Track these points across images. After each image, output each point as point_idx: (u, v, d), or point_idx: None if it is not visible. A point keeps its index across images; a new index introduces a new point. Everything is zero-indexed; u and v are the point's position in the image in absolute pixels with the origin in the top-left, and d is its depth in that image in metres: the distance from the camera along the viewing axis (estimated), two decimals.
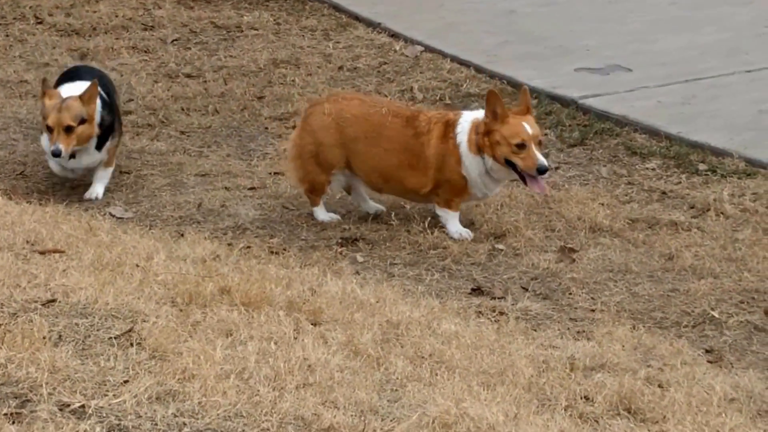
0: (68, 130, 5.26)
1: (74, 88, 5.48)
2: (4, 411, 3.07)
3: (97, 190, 5.60)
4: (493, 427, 3.37)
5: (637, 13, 8.44)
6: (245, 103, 7.30)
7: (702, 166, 6.11)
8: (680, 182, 6.25)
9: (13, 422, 3.04)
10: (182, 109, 7.27)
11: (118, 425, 3.06)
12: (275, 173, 6.15)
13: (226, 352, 3.61)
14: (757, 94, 6.95)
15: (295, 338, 3.85)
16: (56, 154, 5.22)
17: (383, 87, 7.49)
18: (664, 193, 6.09)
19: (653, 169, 6.24)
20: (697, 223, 5.83)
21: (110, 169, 5.74)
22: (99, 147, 5.55)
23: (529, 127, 5.22)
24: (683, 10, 8.45)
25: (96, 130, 5.50)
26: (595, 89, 7.11)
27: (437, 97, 7.27)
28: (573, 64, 7.52)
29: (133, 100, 7.24)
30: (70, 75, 5.90)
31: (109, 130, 5.63)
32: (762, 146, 6.36)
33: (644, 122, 6.58)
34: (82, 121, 5.33)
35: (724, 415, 3.87)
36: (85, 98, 5.38)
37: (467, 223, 5.82)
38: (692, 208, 6.02)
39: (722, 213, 5.83)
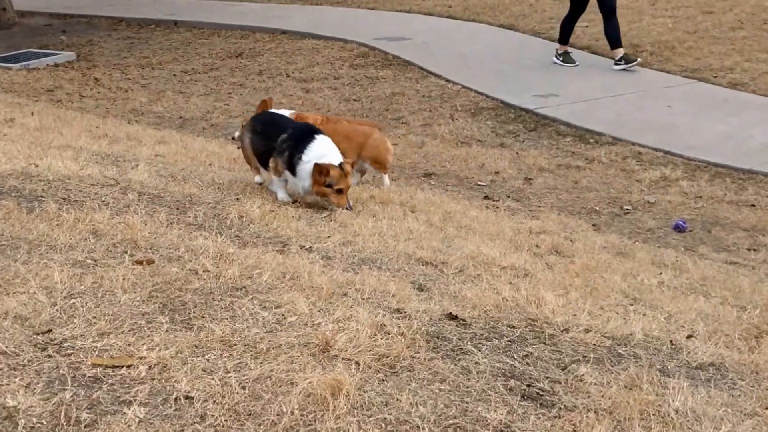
0: None
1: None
2: (274, 249, 4.40)
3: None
4: (494, 259, 5.00)
5: (563, 69, 12.59)
6: None
7: (591, 140, 9.75)
8: (581, 147, 9.91)
9: (279, 252, 4.37)
10: None
11: (325, 256, 4.49)
12: None
13: (372, 224, 5.38)
14: (618, 107, 11.11)
15: (403, 217, 5.83)
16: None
17: None
18: (574, 152, 9.67)
19: (568, 142, 9.83)
20: (589, 166, 9.43)
21: None
22: None
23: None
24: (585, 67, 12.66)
25: None
26: (541, 104, 11.17)
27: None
28: (530, 93, 11.50)
29: None
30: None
31: None
32: (620, 131, 10.22)
33: (564, 120, 10.63)
34: None
35: (600, 253, 5.91)
36: None
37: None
38: (586, 159, 9.63)
39: (600, 162, 9.46)
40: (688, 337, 4.13)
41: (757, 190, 8.70)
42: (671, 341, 4.03)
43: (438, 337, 3.61)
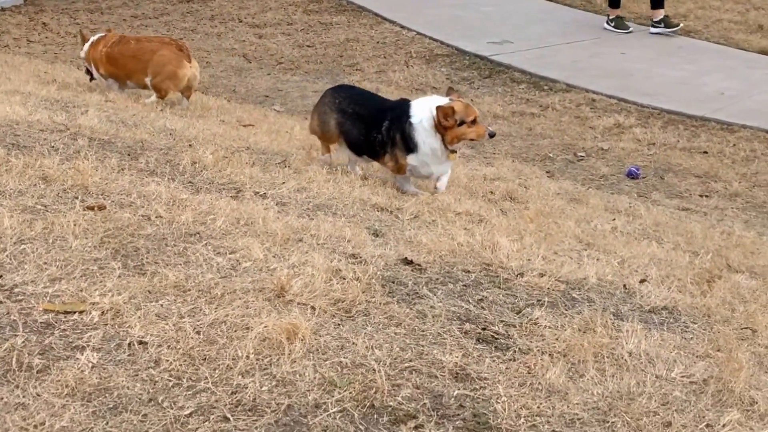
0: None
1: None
2: (228, 195, 4.38)
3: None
4: (449, 205, 5.11)
5: (519, 15, 12.34)
6: None
7: (546, 87, 9.76)
8: (536, 95, 9.93)
9: (233, 199, 4.36)
10: None
11: (280, 202, 4.49)
12: None
13: (327, 170, 5.43)
14: (573, 54, 11.10)
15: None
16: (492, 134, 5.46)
17: None
18: (528, 99, 9.69)
19: (523, 89, 9.83)
20: (543, 113, 9.48)
21: None
22: None
23: None
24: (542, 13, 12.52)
25: None
26: (496, 51, 10.99)
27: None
28: (486, 40, 11.32)
29: None
30: None
31: None
32: (575, 78, 10.21)
33: (519, 67, 10.56)
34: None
35: (554, 199, 6.09)
36: None
37: None
38: (541, 107, 9.66)
39: (555, 109, 9.50)
40: (641, 281, 4.18)
41: (709, 137, 8.81)
42: (624, 285, 4.08)
43: (393, 282, 3.61)
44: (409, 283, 3.64)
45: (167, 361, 2.72)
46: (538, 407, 2.76)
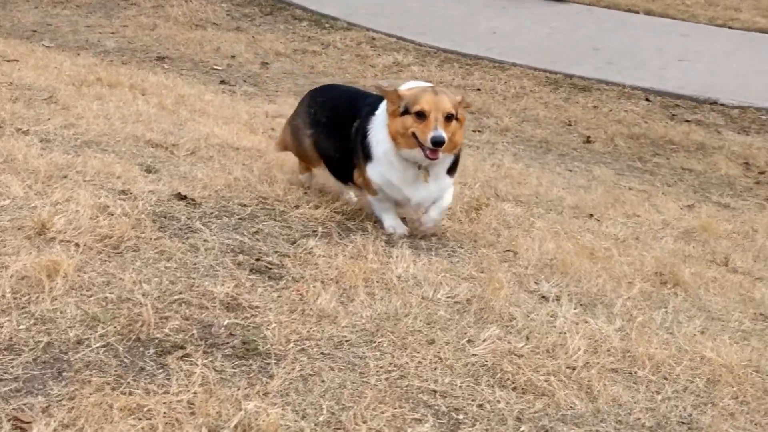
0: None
1: None
2: None
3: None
4: (228, 141, 5.03)
5: None
6: None
7: (327, 25, 9.79)
8: (317, 32, 9.92)
9: None
10: None
11: (44, 138, 4.31)
12: None
13: (98, 106, 5.26)
14: None
15: (133, 100, 5.78)
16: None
17: None
18: (310, 37, 9.67)
19: (305, 27, 9.80)
20: (325, 51, 9.50)
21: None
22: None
23: None
24: None
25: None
26: None
27: None
28: None
29: None
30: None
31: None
32: (355, 16, 10.29)
33: (300, 4, 10.49)
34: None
35: None
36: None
37: None
38: (323, 44, 9.68)
39: (336, 47, 9.56)
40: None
41: (482, 75, 9.14)
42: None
43: (165, 217, 3.54)
44: (182, 218, 3.58)
45: None
46: (308, 332, 2.81)
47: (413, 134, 3.68)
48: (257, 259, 3.33)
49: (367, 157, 3.87)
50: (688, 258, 4.56)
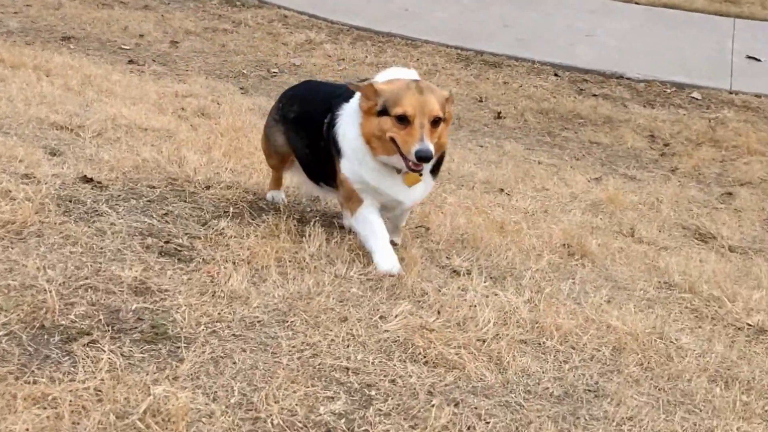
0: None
1: None
2: None
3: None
4: (136, 122, 4.96)
5: None
6: None
7: (238, 3, 9.68)
8: (228, 10, 9.90)
9: None
10: None
11: None
12: None
13: (0, 88, 5.17)
14: None
15: (37, 82, 5.71)
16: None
17: None
18: (221, 15, 9.60)
19: (215, 4, 9.73)
20: (236, 29, 9.31)
21: None
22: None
23: None
24: None
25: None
26: None
27: None
28: None
29: None
30: None
31: None
32: None
33: None
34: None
35: (247, 114, 6.23)
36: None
37: None
38: (234, 22, 9.52)
39: (247, 25, 9.38)
40: None
41: (395, 52, 9.16)
42: (312, 194, 4.17)
43: (71, 201, 3.46)
44: (88, 201, 3.51)
45: None
46: (219, 314, 2.79)
47: (392, 139, 3.24)
48: (166, 242, 3.29)
49: (338, 151, 3.45)
50: (596, 229, 4.68)
